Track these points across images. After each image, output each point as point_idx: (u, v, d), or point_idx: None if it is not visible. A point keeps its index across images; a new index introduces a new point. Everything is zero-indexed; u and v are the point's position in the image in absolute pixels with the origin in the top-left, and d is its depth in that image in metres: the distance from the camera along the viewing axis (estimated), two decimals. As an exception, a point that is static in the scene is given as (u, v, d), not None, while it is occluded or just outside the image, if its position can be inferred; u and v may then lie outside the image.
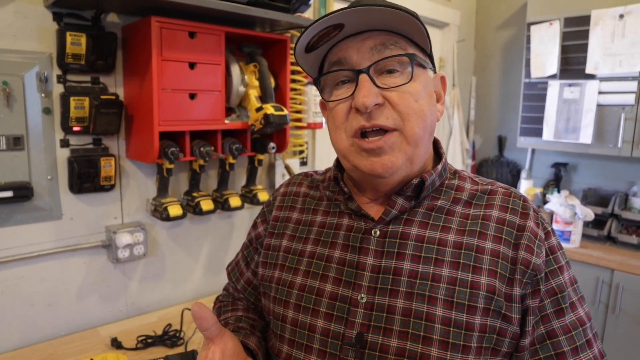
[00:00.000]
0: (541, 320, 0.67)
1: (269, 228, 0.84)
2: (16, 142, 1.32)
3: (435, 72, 0.75)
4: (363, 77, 0.66)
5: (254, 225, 0.90)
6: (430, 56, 0.73)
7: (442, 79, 0.76)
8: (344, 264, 0.71)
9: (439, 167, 0.73)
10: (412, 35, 0.69)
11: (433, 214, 0.71)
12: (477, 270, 0.66)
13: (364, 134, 0.67)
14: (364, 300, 0.67)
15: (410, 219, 0.71)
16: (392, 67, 0.67)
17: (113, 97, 1.40)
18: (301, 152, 2.07)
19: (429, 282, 0.66)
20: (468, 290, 0.65)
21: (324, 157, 2.26)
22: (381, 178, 0.69)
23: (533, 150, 2.92)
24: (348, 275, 0.70)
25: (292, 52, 1.77)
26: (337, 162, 0.81)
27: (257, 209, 1.97)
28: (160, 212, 1.52)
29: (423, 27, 0.66)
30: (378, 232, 0.71)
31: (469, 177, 0.77)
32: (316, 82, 0.74)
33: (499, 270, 0.66)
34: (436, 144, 0.79)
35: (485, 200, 0.72)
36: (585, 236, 2.42)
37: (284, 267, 0.77)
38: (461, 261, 0.66)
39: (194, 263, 1.79)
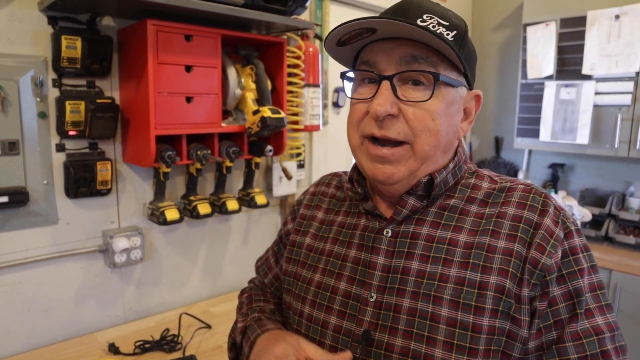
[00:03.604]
0: (554, 326, 0.64)
1: (296, 225, 0.88)
2: (11, 147, 1.31)
3: (471, 88, 0.73)
4: (385, 84, 0.66)
5: (285, 222, 0.94)
6: (465, 74, 0.70)
7: (477, 97, 0.75)
8: (359, 263, 0.73)
9: (451, 165, 0.72)
10: (446, 52, 0.66)
11: (446, 213, 0.71)
12: (486, 270, 0.64)
13: (375, 138, 0.68)
14: (374, 299, 0.69)
15: (422, 218, 0.71)
16: (419, 79, 0.66)
17: (109, 100, 1.39)
18: (298, 154, 2.06)
19: (436, 282, 0.66)
20: (476, 290, 0.64)
21: (321, 160, 2.26)
22: (381, 184, 0.71)
23: (530, 151, 2.92)
24: (361, 275, 0.72)
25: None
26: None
27: (255, 212, 1.96)
28: (157, 216, 1.51)
29: (454, 50, 0.63)
30: (390, 232, 0.72)
31: (488, 176, 0.75)
32: (343, 76, 0.75)
33: (510, 270, 0.64)
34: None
35: (502, 198, 0.70)
36: (583, 236, 2.42)
37: (305, 264, 0.80)
38: (471, 261, 0.65)
39: (191, 267, 1.79)
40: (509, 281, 0.63)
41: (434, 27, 0.65)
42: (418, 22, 0.65)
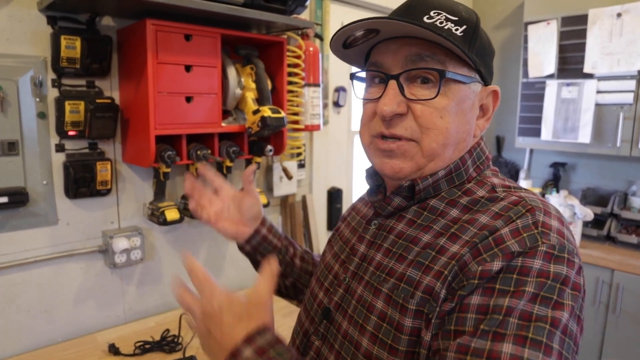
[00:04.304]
0: (452, 334, 0.55)
1: (346, 214, 0.93)
2: (11, 147, 1.30)
3: (487, 84, 0.71)
4: (392, 84, 0.66)
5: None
6: (478, 70, 0.68)
7: (494, 92, 0.73)
8: (352, 249, 0.78)
9: (441, 172, 0.69)
10: (452, 48, 0.64)
11: (425, 213, 0.70)
12: (427, 270, 0.61)
13: (384, 136, 0.69)
14: (346, 282, 0.74)
15: (403, 215, 0.72)
16: (427, 77, 0.65)
17: (108, 100, 1.39)
18: (299, 154, 2.06)
19: (384, 275, 0.67)
20: (411, 290, 0.61)
21: (321, 160, 2.25)
22: (390, 179, 0.72)
23: (531, 151, 2.91)
24: (348, 260, 0.77)
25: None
26: None
27: (255, 212, 1.96)
28: (157, 217, 1.51)
29: (458, 47, 0.61)
30: (377, 224, 0.75)
31: (491, 184, 0.69)
32: (352, 77, 0.76)
33: (446, 272, 0.59)
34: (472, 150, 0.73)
35: (485, 207, 0.64)
36: (584, 236, 2.42)
37: (331, 246, 0.87)
38: (417, 259, 0.64)
39: (192, 267, 1.78)
40: (440, 283, 0.59)
41: (441, 23, 0.64)
42: (425, 19, 0.64)
